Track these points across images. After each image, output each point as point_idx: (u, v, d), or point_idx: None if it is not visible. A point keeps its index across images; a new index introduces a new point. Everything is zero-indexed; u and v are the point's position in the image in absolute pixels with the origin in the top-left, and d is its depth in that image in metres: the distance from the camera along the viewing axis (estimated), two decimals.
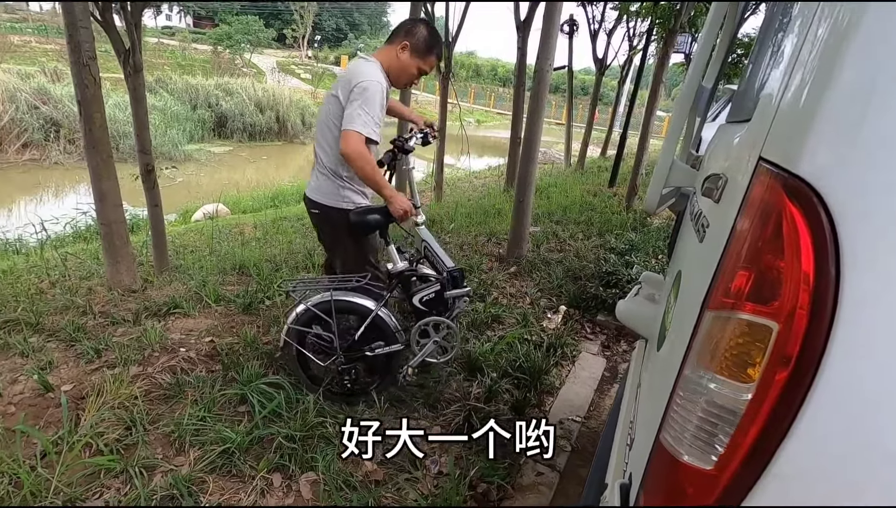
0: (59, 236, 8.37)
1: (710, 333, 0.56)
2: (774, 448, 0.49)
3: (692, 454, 0.56)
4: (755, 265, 0.52)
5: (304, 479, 1.68)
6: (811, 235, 0.46)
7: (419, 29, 2.02)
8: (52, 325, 2.72)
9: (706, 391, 0.55)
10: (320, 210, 2.06)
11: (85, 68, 3.12)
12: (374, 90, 1.86)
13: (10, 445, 1.65)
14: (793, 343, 0.47)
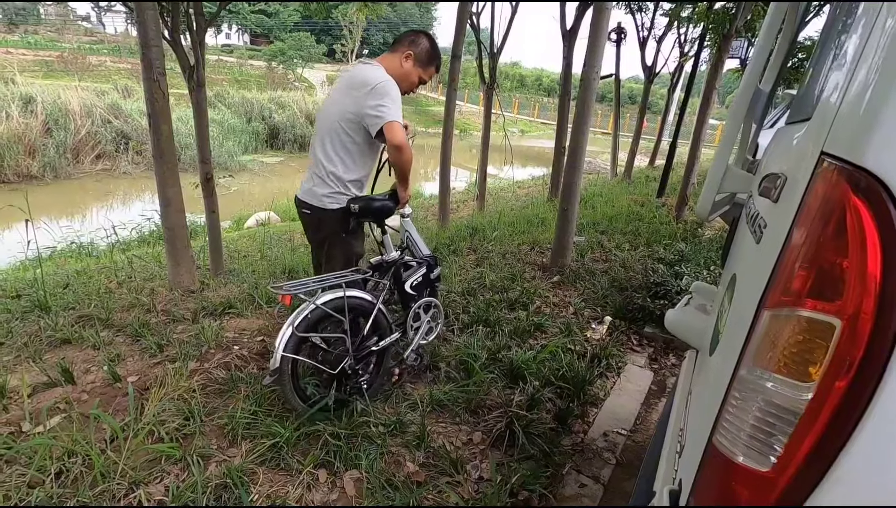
0: (126, 240, 8.99)
1: (768, 332, 0.55)
2: (838, 451, 0.47)
3: (749, 455, 0.54)
4: (817, 262, 0.50)
5: (347, 476, 1.72)
6: (878, 229, 0.45)
7: (422, 40, 2.11)
8: (120, 321, 2.92)
9: (763, 391, 0.54)
10: (312, 211, 2.07)
11: (155, 84, 3.36)
12: (394, 88, 1.95)
13: (83, 429, 1.78)
14: (858, 342, 0.46)
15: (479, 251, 4.53)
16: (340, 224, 2.06)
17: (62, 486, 1.56)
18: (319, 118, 2.13)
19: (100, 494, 1.54)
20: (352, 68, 2.10)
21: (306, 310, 1.83)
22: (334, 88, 2.14)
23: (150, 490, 1.59)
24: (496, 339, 2.74)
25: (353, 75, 2.03)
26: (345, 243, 2.12)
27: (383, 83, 1.93)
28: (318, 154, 2.06)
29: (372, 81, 1.93)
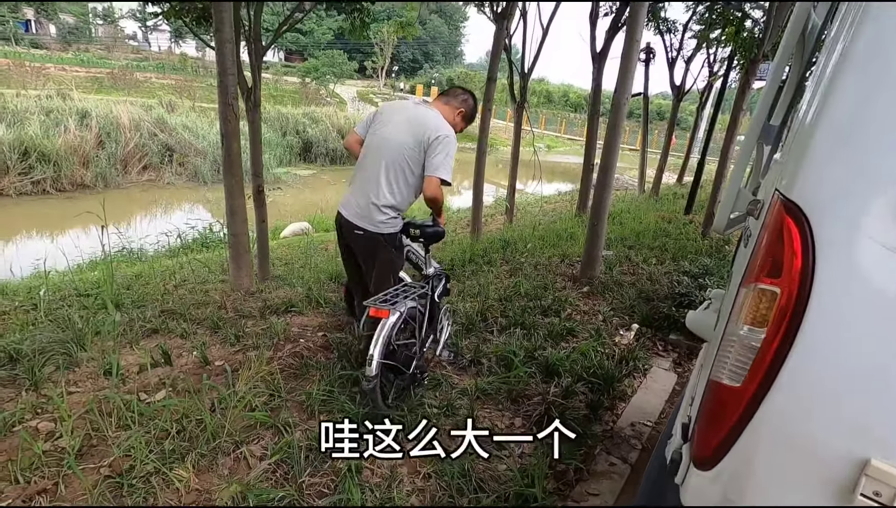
0: (173, 246, 9.59)
1: (743, 300, 0.84)
2: (779, 368, 0.76)
3: (730, 377, 0.83)
4: (768, 256, 0.79)
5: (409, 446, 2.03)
6: (800, 237, 0.74)
7: (471, 101, 2.47)
8: (197, 316, 3.31)
9: (738, 336, 0.83)
10: (366, 232, 2.28)
11: (228, 107, 3.79)
12: (454, 144, 2.25)
13: (190, 399, 2.14)
14: (789, 301, 0.75)
15: (511, 262, 4.82)
16: (393, 243, 2.34)
17: (183, 440, 1.91)
18: (380, 145, 2.26)
19: (213, 449, 1.88)
20: (418, 106, 2.34)
21: (395, 319, 2.05)
22: (393, 118, 2.30)
23: (252, 448, 1.93)
24: (532, 340, 3.02)
25: (418, 116, 2.25)
26: (395, 258, 2.40)
27: (448, 137, 2.22)
28: (380, 182, 2.24)
29: (443, 130, 2.22)
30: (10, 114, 15.17)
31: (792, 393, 0.76)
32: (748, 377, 0.79)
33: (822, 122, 0.73)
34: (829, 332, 0.74)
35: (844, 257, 0.72)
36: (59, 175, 14.07)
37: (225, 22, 3.61)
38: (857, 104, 0.71)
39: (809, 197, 0.74)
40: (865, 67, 0.70)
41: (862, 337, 0.72)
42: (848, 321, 0.73)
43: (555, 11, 7.86)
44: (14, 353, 2.52)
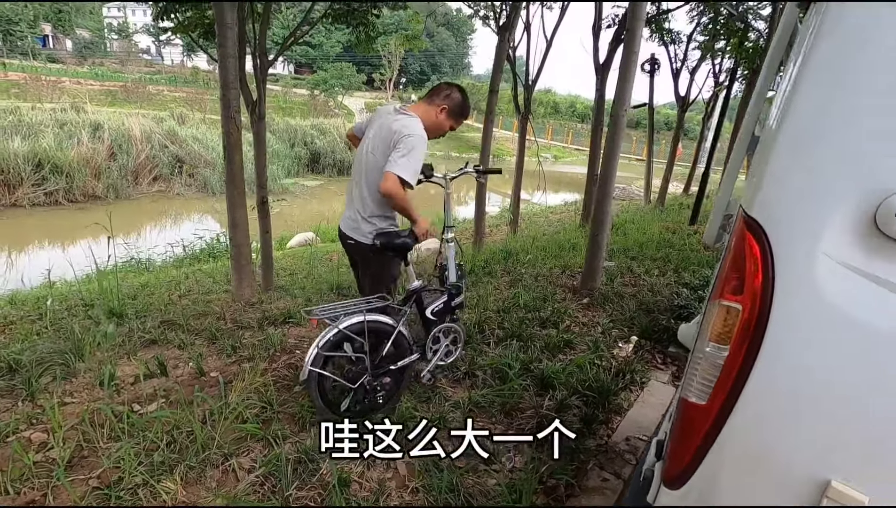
0: (180, 257, 9.69)
1: (709, 316, 0.83)
2: (742, 385, 0.75)
3: (697, 395, 0.82)
4: (731, 272, 0.79)
5: (400, 460, 2.02)
6: (760, 253, 0.73)
7: (455, 94, 2.34)
8: (196, 326, 3.34)
9: (705, 354, 0.82)
10: (356, 243, 2.31)
11: (231, 120, 3.85)
12: (420, 146, 2.16)
13: (183, 410, 2.14)
14: (750, 318, 0.74)
15: (512, 273, 4.81)
16: (381, 251, 2.29)
17: (173, 452, 1.91)
18: (359, 161, 2.31)
19: (202, 461, 1.89)
20: (390, 115, 2.27)
21: (330, 332, 2.06)
22: (371, 131, 2.30)
23: (241, 460, 1.93)
24: (528, 352, 3.00)
25: (391, 127, 2.19)
26: (385, 266, 2.39)
27: (411, 137, 2.12)
28: (357, 196, 2.28)
29: (404, 130, 2.14)
30: (26, 127, 15.52)
31: (754, 412, 0.75)
32: (713, 394, 0.79)
33: (780, 135, 0.73)
34: (789, 350, 0.73)
35: (802, 273, 0.71)
36: (71, 186, 14.33)
37: (228, 37, 3.67)
38: (813, 117, 0.71)
39: (768, 213, 0.74)
40: (822, 76, 0.70)
41: (820, 356, 0.71)
42: (807, 339, 0.72)
43: (558, 23, 7.92)
44: (13, 363, 2.56)
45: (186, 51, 40.87)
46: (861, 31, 0.67)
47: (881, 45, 0.65)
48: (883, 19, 0.65)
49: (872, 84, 0.66)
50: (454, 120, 2.39)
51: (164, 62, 44.29)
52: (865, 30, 0.66)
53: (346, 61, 39.51)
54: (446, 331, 2.54)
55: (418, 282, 2.42)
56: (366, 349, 2.15)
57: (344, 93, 36.37)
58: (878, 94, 0.65)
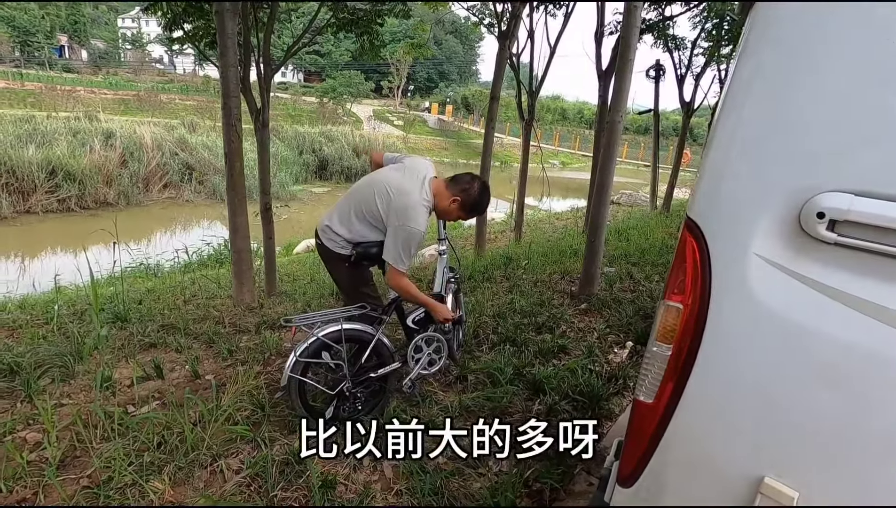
0: (187, 263, 9.81)
1: (657, 316, 0.85)
2: (683, 386, 0.77)
3: (645, 394, 0.83)
4: (675, 272, 0.80)
5: (387, 462, 2.04)
6: (698, 252, 0.75)
7: (474, 190, 2.29)
8: (196, 330, 3.39)
9: (652, 354, 0.83)
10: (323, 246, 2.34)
11: (232, 128, 3.92)
12: (417, 238, 2.17)
13: (175, 412, 2.18)
14: (689, 318, 0.75)
15: (511, 279, 4.82)
16: (345, 260, 2.32)
17: (162, 453, 1.95)
18: (363, 188, 2.30)
19: (191, 461, 1.92)
20: (416, 173, 2.28)
21: (308, 340, 2.10)
22: (392, 169, 2.34)
23: (229, 461, 1.96)
24: (522, 357, 3.01)
25: (407, 192, 2.19)
26: (349, 273, 2.38)
27: (411, 227, 2.13)
28: (349, 217, 2.27)
29: (407, 216, 2.14)
30: (41, 135, 15.84)
31: (694, 411, 0.77)
32: (658, 393, 0.80)
33: (714, 138, 0.75)
34: (724, 350, 0.74)
35: (735, 274, 0.73)
36: (83, 193, 14.59)
37: (228, 47, 3.75)
38: (742, 120, 0.73)
39: (705, 215, 0.76)
40: (750, 79, 0.72)
41: (753, 354, 0.72)
42: (740, 337, 0.73)
43: (562, 30, 7.96)
44: (14, 365, 2.61)
45: (198, 60, 41.54)
46: (787, 34, 0.68)
47: (806, 48, 0.67)
48: (808, 23, 0.66)
49: (797, 87, 0.68)
50: (464, 213, 2.37)
51: (177, 71, 45.04)
52: (791, 33, 0.68)
53: (354, 69, 39.92)
54: (428, 340, 2.52)
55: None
56: (343, 356, 2.17)
57: (352, 100, 36.71)
58: (802, 97, 0.67)
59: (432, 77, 52.69)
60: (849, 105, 0.65)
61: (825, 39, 0.66)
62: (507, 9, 6.24)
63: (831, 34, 0.66)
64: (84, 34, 45.84)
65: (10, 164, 13.50)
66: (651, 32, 8.84)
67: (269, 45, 4.83)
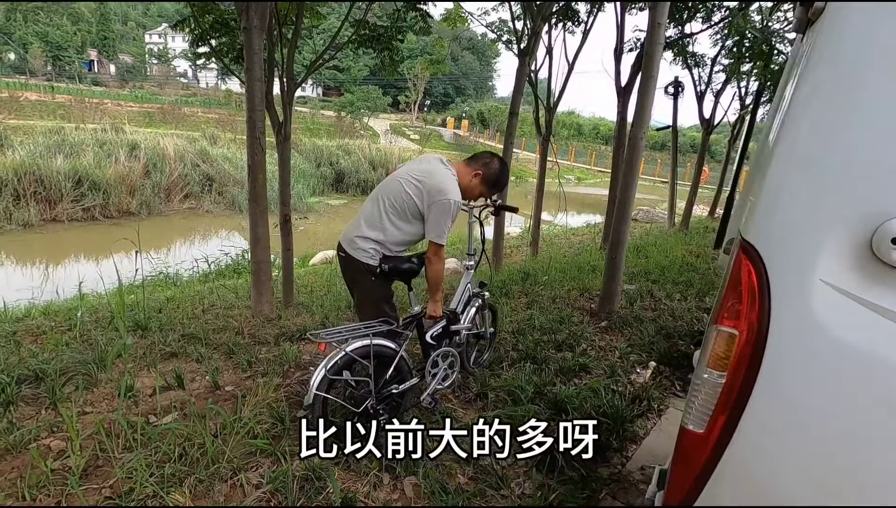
0: (206, 272, 9.92)
1: (707, 341, 0.82)
2: (739, 416, 0.73)
3: (694, 423, 0.80)
4: (729, 295, 0.77)
5: (407, 481, 2.00)
6: (756, 277, 0.72)
7: (494, 164, 2.41)
8: (215, 340, 3.41)
9: (702, 381, 0.80)
10: (347, 256, 2.32)
11: (256, 141, 3.99)
12: (455, 209, 2.24)
13: (197, 423, 2.18)
14: (746, 345, 0.72)
15: (530, 295, 4.78)
16: (372, 272, 2.29)
17: (183, 465, 1.94)
18: (389, 184, 2.33)
19: (211, 474, 1.91)
20: (432, 159, 2.38)
21: (337, 355, 2.06)
22: (413, 166, 2.38)
23: (249, 475, 1.94)
24: (542, 375, 2.96)
25: (432, 172, 2.27)
26: (375, 287, 2.35)
27: (448, 200, 2.20)
28: (381, 222, 2.27)
29: (443, 193, 2.20)
30: (68, 146, 16.31)
31: (752, 443, 0.73)
32: (710, 422, 0.77)
33: (775, 159, 0.73)
34: (786, 379, 0.71)
35: (799, 300, 0.69)
36: (107, 203, 14.93)
37: (255, 62, 3.83)
38: (808, 140, 0.70)
39: (764, 237, 0.73)
40: (818, 98, 0.69)
41: (817, 386, 0.69)
42: (804, 367, 0.70)
43: (580, 47, 7.99)
44: (40, 372, 2.65)
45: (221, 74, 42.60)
46: (860, 50, 0.66)
47: (880, 67, 0.64)
48: (882, 40, 0.64)
49: (870, 107, 0.65)
50: (487, 188, 2.45)
51: (200, 85, 46.22)
52: (864, 49, 0.66)
53: (372, 84, 40.56)
54: (444, 355, 2.54)
55: (419, 307, 2.43)
56: (370, 372, 2.14)
57: (370, 115, 37.23)
58: (875, 117, 0.64)
59: (449, 92, 53.24)
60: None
61: (891, 56, 0.64)
62: (528, 26, 6.28)
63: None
64: (113, 49, 47.40)
65: (38, 173, 13.90)
66: (671, 49, 8.82)
67: (293, 61, 4.91)
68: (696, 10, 7.80)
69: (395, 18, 5.89)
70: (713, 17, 8.27)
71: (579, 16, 7.83)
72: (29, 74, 37.03)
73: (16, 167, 13.76)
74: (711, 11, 8.13)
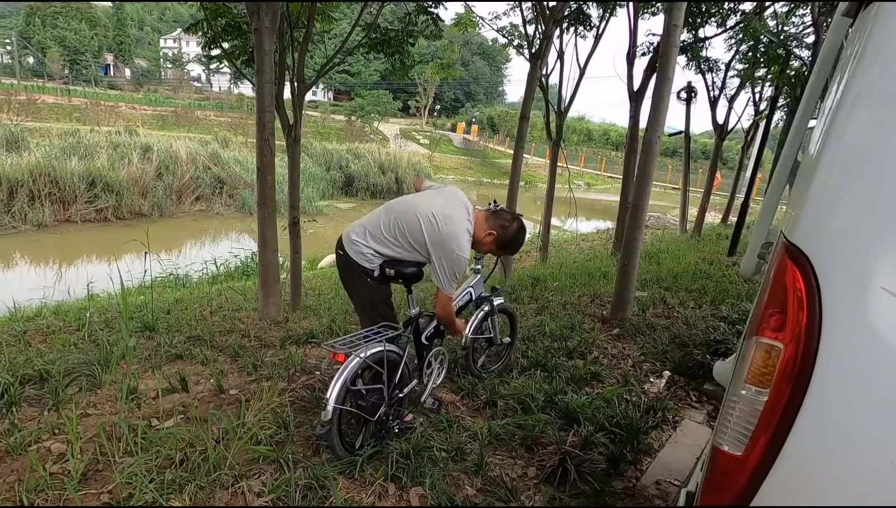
0: (215, 274, 9.95)
1: (745, 354, 0.75)
2: (784, 437, 0.66)
3: (730, 444, 0.73)
4: (771, 305, 0.70)
5: (413, 491, 1.93)
6: (805, 283, 0.65)
7: (511, 229, 2.34)
8: (221, 343, 3.37)
9: (740, 397, 0.73)
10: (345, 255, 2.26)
11: (265, 142, 3.96)
12: (464, 264, 2.21)
13: (199, 427, 2.13)
14: (793, 359, 0.65)
15: (539, 300, 4.69)
16: (369, 275, 2.23)
17: (184, 471, 1.89)
18: (408, 212, 2.22)
19: (212, 481, 1.85)
20: (456, 201, 2.28)
21: (353, 364, 1.96)
22: (434, 196, 2.33)
23: (251, 483, 1.89)
24: (553, 383, 2.87)
25: (452, 218, 2.18)
26: (372, 289, 2.28)
27: (459, 257, 2.16)
28: (384, 236, 2.21)
29: (455, 244, 2.15)
30: (83, 148, 16.52)
31: (799, 468, 0.66)
32: (750, 444, 0.70)
33: (828, 157, 0.66)
34: (839, 398, 0.64)
35: (855, 309, 0.62)
36: (120, 204, 15.08)
37: (265, 63, 3.81)
38: (867, 135, 0.63)
39: (814, 241, 0.66)
40: (876, 90, 0.62)
41: (877, 407, 0.61)
42: (860, 385, 0.63)
43: (592, 51, 7.94)
44: (44, 373, 2.62)
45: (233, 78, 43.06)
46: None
47: None
48: None
49: None
50: (497, 249, 2.40)
51: (213, 89, 46.75)
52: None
53: (383, 89, 40.74)
54: (436, 354, 2.55)
55: (416, 309, 2.39)
56: (384, 378, 2.09)
57: (380, 119, 37.36)
58: None
59: (459, 97, 53.34)
60: None
61: None
62: (539, 30, 6.24)
63: None
64: (129, 53, 48.18)
65: (53, 175, 14.07)
66: (684, 54, 8.72)
67: (304, 64, 4.90)
68: (711, 15, 7.70)
69: (405, 23, 5.88)
70: (728, 22, 8.17)
71: (591, 20, 7.78)
72: (47, 78, 37.71)
73: (31, 169, 13.95)
74: (726, 16, 8.02)
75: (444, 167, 32.31)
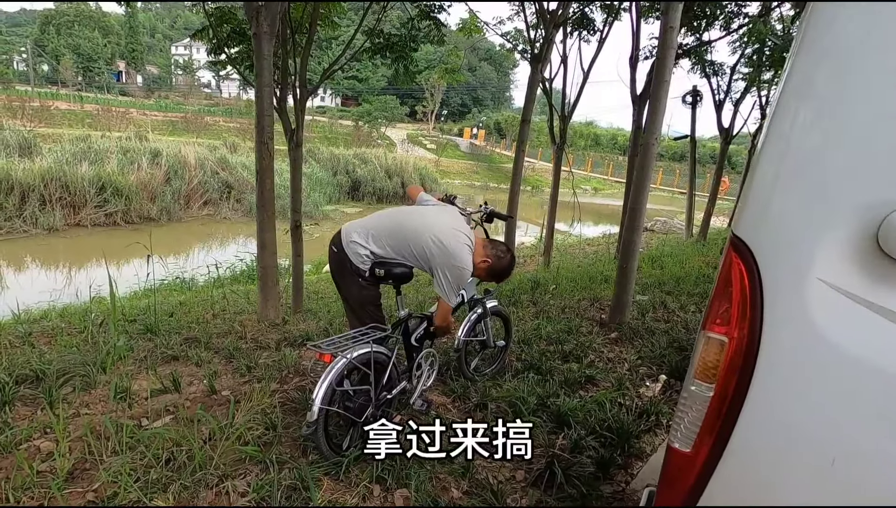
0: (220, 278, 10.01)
1: (696, 349, 0.74)
2: (730, 432, 0.65)
3: (681, 441, 0.72)
4: (717, 298, 0.69)
5: (398, 493, 1.92)
6: (747, 275, 0.64)
7: (505, 261, 2.42)
8: (217, 344, 3.39)
9: (690, 394, 0.72)
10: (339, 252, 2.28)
11: (264, 146, 3.99)
12: (467, 276, 2.28)
13: (188, 428, 2.14)
14: (737, 353, 0.64)
15: (538, 304, 4.67)
16: (360, 274, 2.26)
17: (169, 470, 1.90)
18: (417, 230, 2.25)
19: (197, 481, 1.86)
20: (461, 224, 2.36)
21: (340, 364, 1.96)
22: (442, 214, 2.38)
23: (236, 483, 1.89)
24: (546, 387, 2.86)
25: (457, 236, 2.24)
26: (364, 288, 2.31)
27: (463, 269, 2.22)
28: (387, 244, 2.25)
29: (458, 259, 2.21)
30: (94, 153, 16.75)
31: (743, 462, 0.65)
32: (697, 440, 0.68)
33: (767, 149, 0.65)
34: (780, 392, 0.62)
35: (794, 302, 0.61)
36: (129, 208, 15.25)
37: (264, 68, 3.85)
38: (802, 130, 0.62)
39: (756, 233, 0.65)
40: (812, 84, 0.62)
41: (815, 399, 0.60)
42: (799, 379, 0.61)
43: (595, 55, 7.93)
44: (40, 373, 2.65)
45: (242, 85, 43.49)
46: (854, 35, 0.59)
47: (877, 50, 0.57)
48: (878, 21, 0.57)
49: (869, 90, 0.57)
50: (487, 276, 2.47)
51: (223, 95, 47.29)
52: (858, 34, 0.59)
53: (390, 94, 40.98)
54: (426, 356, 2.55)
55: (405, 310, 2.39)
56: (372, 380, 2.09)
57: (387, 124, 37.56)
58: (876, 100, 0.57)
59: (466, 102, 53.50)
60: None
61: (888, 41, 0.56)
62: (541, 33, 6.24)
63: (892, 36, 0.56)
64: (140, 60, 48.92)
65: (64, 179, 14.28)
66: (689, 57, 8.68)
67: (306, 69, 4.95)
68: (714, 17, 7.67)
69: (408, 28, 5.91)
70: (732, 25, 8.12)
71: (595, 24, 7.78)
72: (60, 85, 38.38)
73: (43, 173, 14.16)
74: (730, 19, 7.98)
75: (451, 172, 32.38)
